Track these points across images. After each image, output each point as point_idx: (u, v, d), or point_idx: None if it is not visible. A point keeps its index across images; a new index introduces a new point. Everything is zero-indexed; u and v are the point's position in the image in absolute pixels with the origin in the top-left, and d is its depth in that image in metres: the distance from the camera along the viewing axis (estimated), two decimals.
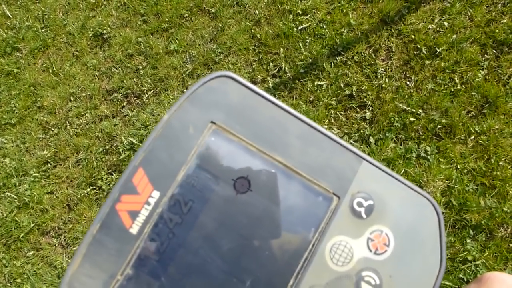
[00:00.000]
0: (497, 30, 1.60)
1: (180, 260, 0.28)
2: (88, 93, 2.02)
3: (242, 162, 0.30)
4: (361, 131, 1.59)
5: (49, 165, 1.93)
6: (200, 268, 0.28)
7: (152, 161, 0.29)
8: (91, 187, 1.83)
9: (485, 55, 1.59)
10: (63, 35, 2.22)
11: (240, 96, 0.31)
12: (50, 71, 2.14)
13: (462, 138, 1.49)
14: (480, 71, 1.57)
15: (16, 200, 1.87)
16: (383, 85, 1.63)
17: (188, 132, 0.30)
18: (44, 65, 2.18)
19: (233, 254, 0.29)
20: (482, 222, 1.36)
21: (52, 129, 2.00)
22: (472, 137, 1.48)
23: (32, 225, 1.81)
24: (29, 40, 2.26)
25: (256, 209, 0.30)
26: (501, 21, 1.62)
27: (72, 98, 2.04)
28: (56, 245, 1.78)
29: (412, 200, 0.31)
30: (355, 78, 1.67)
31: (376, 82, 1.65)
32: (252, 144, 0.30)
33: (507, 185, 1.39)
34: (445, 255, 0.29)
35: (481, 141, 1.47)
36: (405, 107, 1.57)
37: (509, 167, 1.42)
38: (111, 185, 1.80)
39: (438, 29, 1.67)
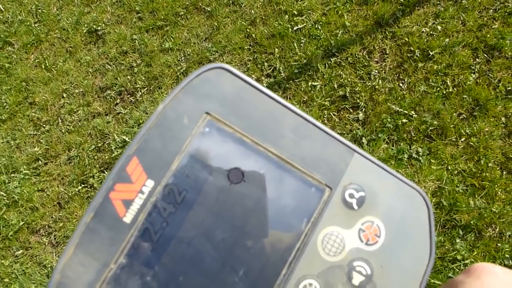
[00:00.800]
0: (488, 35, 1.64)
1: (174, 250, 0.28)
2: (81, 90, 2.01)
3: (236, 153, 0.30)
4: (354, 131, 1.61)
5: (40, 162, 1.91)
6: (194, 258, 0.28)
7: (146, 150, 0.29)
8: (82, 185, 1.81)
9: (477, 59, 1.62)
10: (57, 31, 2.20)
11: (235, 88, 0.31)
12: (43, 66, 2.11)
13: (453, 140, 1.52)
14: (472, 74, 1.60)
15: (5, 198, 1.85)
16: (377, 87, 1.65)
17: (182, 122, 0.30)
18: (36, 61, 2.15)
19: (226, 244, 0.29)
20: (471, 222, 1.38)
21: (44, 125, 1.98)
22: (462, 139, 1.51)
23: (21, 223, 1.78)
24: (22, 35, 2.23)
25: (250, 199, 0.30)
26: (493, 26, 1.66)
27: (64, 95, 2.02)
28: (46, 244, 1.75)
29: (402, 192, 0.31)
30: (349, 79, 1.69)
31: (369, 84, 1.66)
32: (246, 135, 0.30)
33: (496, 186, 1.41)
34: (435, 246, 0.30)
35: (471, 143, 1.49)
36: (398, 109, 1.59)
37: (498, 168, 1.45)
38: (102, 184, 1.78)
39: (431, 32, 1.70)
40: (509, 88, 1.54)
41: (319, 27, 1.81)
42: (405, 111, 1.58)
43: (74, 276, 0.27)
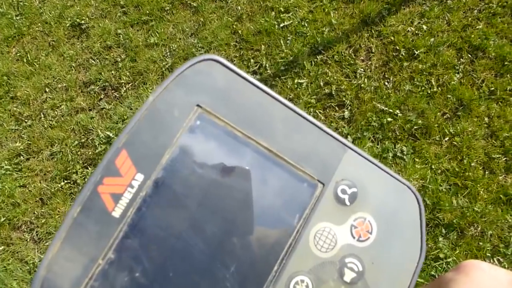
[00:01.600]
0: (472, 35, 1.65)
1: (164, 245, 0.28)
2: (64, 85, 1.97)
3: (227, 147, 0.29)
4: (340, 130, 1.61)
5: (21, 157, 1.88)
6: (184, 254, 0.28)
7: (136, 143, 0.28)
8: (65, 181, 1.79)
9: (461, 59, 1.64)
10: (39, 24, 2.15)
11: (227, 80, 0.30)
12: (25, 60, 2.07)
13: (437, 139, 1.53)
14: (456, 74, 1.61)
15: None
16: (362, 85, 1.65)
17: (173, 115, 0.29)
18: (18, 54, 2.11)
19: (217, 239, 0.28)
20: (454, 221, 1.40)
21: (26, 120, 1.95)
22: (446, 139, 1.52)
23: (2, 219, 1.76)
24: (3, 28, 2.18)
25: (241, 194, 0.29)
26: (477, 27, 1.67)
27: (47, 89, 1.99)
28: (28, 240, 1.73)
29: (394, 189, 0.31)
30: (335, 77, 1.69)
31: (355, 82, 1.67)
32: (238, 129, 0.30)
33: (478, 185, 1.43)
34: (425, 242, 0.30)
35: (455, 143, 1.50)
36: (383, 107, 1.60)
37: (480, 168, 1.46)
38: (86, 179, 1.76)
39: (417, 31, 1.71)
40: (492, 88, 1.56)
41: (306, 25, 1.81)
42: (390, 110, 1.58)
43: (61, 271, 0.26)
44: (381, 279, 0.29)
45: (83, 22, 2.08)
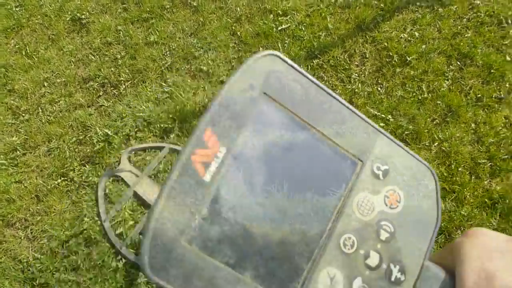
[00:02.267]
0: (461, 43, 1.72)
1: (246, 204, 0.35)
2: (63, 80, 1.98)
3: (289, 128, 0.37)
4: None
5: (18, 152, 1.87)
6: (263, 211, 0.35)
7: (218, 122, 0.35)
8: (62, 178, 1.77)
9: (450, 66, 1.71)
10: (39, 16, 2.15)
11: (286, 73, 0.37)
12: (23, 53, 2.07)
13: (427, 144, 1.60)
14: (445, 81, 1.68)
15: None
16: (356, 90, 1.71)
17: (245, 100, 0.36)
18: (17, 46, 2.10)
19: (289, 202, 0.36)
20: (442, 225, 1.47)
21: (23, 114, 1.95)
22: (435, 144, 1.59)
23: None
24: (2, 19, 2.17)
25: (304, 166, 0.37)
26: (466, 35, 1.74)
27: (45, 84, 1.99)
28: (22, 237, 1.69)
29: (416, 167, 0.40)
30: (330, 82, 1.74)
31: (349, 87, 1.72)
32: (296, 114, 0.37)
33: (465, 190, 1.50)
34: (441, 212, 0.39)
35: (443, 148, 1.58)
36: (376, 113, 1.66)
37: (467, 173, 1.54)
38: (83, 177, 1.74)
39: (409, 38, 1.77)
40: (479, 95, 1.63)
41: (303, 28, 1.86)
42: (383, 115, 1.65)
43: (167, 223, 0.33)
44: (407, 239, 0.38)
45: (83, 16, 2.08)
